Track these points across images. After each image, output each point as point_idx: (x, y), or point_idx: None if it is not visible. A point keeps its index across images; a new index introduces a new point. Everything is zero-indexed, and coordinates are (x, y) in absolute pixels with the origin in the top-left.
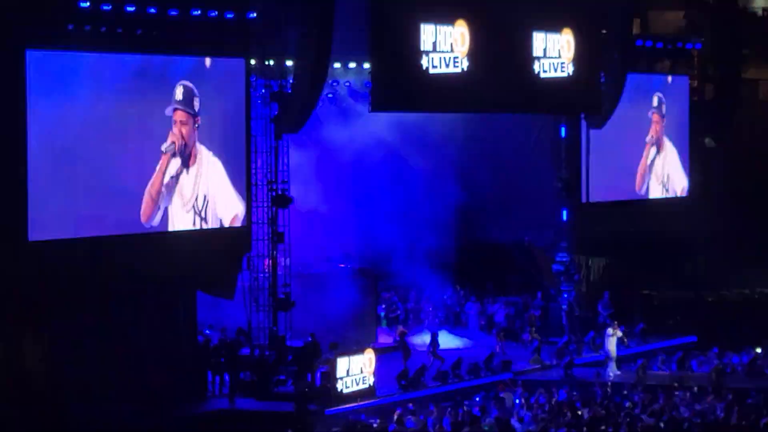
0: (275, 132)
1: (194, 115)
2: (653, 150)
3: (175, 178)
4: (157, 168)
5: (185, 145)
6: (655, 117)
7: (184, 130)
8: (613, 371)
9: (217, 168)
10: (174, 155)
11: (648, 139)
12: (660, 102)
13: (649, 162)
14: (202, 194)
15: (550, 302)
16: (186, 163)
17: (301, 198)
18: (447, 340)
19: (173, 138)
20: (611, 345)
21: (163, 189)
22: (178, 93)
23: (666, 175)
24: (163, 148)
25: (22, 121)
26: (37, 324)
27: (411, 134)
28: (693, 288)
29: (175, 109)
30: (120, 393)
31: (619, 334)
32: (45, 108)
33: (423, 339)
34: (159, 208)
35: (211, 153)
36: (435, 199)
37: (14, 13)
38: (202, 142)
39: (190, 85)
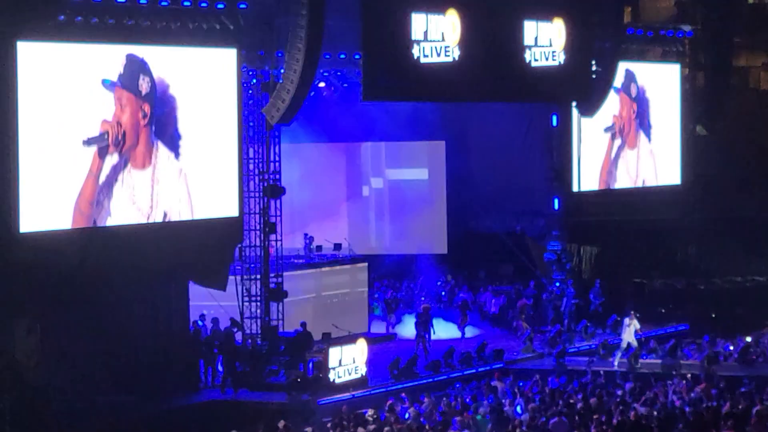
0: (266, 122)
1: (139, 98)
2: (617, 141)
3: (113, 181)
4: (87, 170)
5: (124, 135)
6: (622, 97)
7: (124, 117)
8: (618, 360)
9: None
10: (106, 150)
11: (607, 127)
12: (630, 80)
13: (612, 156)
14: (161, 209)
15: (542, 291)
16: (125, 163)
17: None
18: (440, 329)
19: (106, 126)
20: (629, 335)
21: (96, 196)
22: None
23: (637, 170)
24: (87, 139)
25: (14, 113)
26: (29, 316)
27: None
28: (685, 276)
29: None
30: (112, 384)
31: (637, 325)
32: (36, 99)
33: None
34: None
35: (171, 155)
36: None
37: (5, 5)
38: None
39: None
